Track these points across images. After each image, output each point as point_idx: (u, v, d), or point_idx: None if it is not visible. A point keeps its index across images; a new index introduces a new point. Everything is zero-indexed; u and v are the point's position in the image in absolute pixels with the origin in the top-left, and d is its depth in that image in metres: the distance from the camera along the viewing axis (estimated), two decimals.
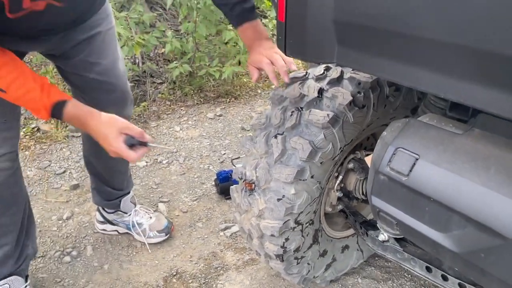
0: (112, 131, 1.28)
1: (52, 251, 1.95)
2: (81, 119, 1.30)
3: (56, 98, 1.26)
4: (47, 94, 1.25)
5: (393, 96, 1.45)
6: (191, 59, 3.45)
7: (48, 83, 1.28)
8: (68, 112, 1.28)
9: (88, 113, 1.30)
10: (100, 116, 1.31)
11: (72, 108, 1.28)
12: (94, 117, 1.30)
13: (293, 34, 1.03)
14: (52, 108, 1.25)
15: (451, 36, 0.74)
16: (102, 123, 1.29)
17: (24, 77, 1.22)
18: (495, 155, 0.85)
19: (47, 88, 1.25)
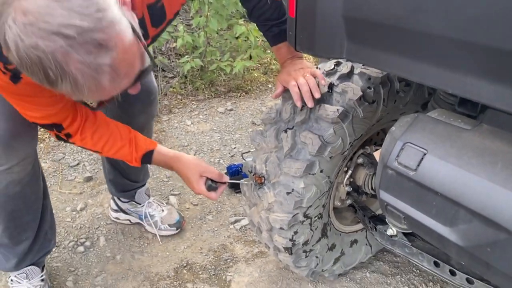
0: (194, 175, 1.46)
1: (66, 241, 2.01)
2: (167, 164, 1.50)
3: (143, 151, 1.45)
4: (135, 148, 1.43)
5: (403, 91, 1.45)
6: (203, 54, 3.47)
7: (133, 136, 1.44)
8: (155, 160, 1.49)
9: (174, 158, 1.50)
10: (183, 159, 1.49)
11: (158, 155, 1.48)
12: (179, 162, 1.49)
13: (303, 30, 1.04)
14: (141, 160, 1.46)
15: (459, 32, 0.75)
16: (185, 168, 1.47)
17: (113, 138, 1.40)
18: (502, 150, 0.86)
19: (134, 142, 1.43)
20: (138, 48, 0.89)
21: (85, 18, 0.76)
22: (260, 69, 3.92)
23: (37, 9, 0.74)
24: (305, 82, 1.34)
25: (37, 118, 1.25)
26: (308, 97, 1.33)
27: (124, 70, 0.85)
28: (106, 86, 0.83)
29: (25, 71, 0.81)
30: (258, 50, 3.56)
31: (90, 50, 0.77)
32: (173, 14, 1.34)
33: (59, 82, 0.79)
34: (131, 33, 0.85)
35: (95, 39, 0.77)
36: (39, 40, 0.74)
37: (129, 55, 0.86)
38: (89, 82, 0.80)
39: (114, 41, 0.80)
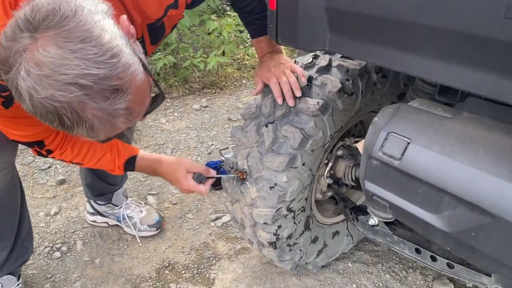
0: (181, 173, 1.43)
1: (41, 247, 1.93)
2: (151, 168, 1.48)
3: (125, 157, 1.42)
4: (117, 155, 1.40)
5: (380, 82, 1.47)
6: (175, 50, 3.42)
7: (114, 143, 1.40)
8: (138, 165, 1.46)
9: (156, 161, 1.47)
10: (166, 161, 1.47)
11: (141, 161, 1.46)
12: (162, 164, 1.46)
13: (284, 22, 1.03)
14: (124, 166, 1.43)
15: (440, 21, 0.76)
16: (170, 168, 1.45)
17: (93, 148, 1.36)
18: (483, 136, 0.88)
19: (115, 150, 1.40)
20: (148, 84, 0.88)
21: (101, 66, 0.75)
22: (233, 65, 3.90)
23: (52, 60, 0.72)
24: (287, 80, 1.34)
25: (20, 137, 1.21)
26: (290, 97, 1.34)
27: (137, 109, 0.85)
28: (121, 126, 0.84)
29: (38, 117, 0.79)
30: (231, 46, 3.54)
31: (107, 97, 0.77)
32: (171, 28, 1.33)
33: (74, 128, 0.79)
34: (142, 71, 0.84)
35: (111, 85, 0.76)
36: (56, 91, 0.73)
37: (141, 94, 0.85)
38: (105, 126, 0.80)
39: (128, 84, 0.79)
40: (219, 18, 3.58)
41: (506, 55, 0.69)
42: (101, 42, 0.76)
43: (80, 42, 0.74)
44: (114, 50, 0.77)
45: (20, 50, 0.74)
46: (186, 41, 3.58)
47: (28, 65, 0.73)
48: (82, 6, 0.78)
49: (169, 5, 1.16)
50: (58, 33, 0.74)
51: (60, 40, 0.73)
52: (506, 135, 0.87)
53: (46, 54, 0.72)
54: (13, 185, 1.47)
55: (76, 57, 0.73)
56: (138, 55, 0.85)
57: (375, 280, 1.78)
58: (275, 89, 1.35)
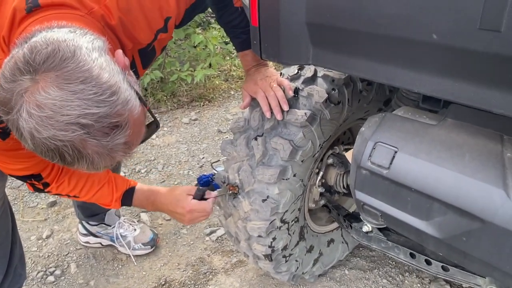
0: (181, 195, 1.40)
1: (34, 272, 1.90)
2: (149, 199, 1.44)
3: (123, 189, 1.40)
4: (115, 187, 1.38)
5: (366, 90, 1.49)
6: (162, 65, 3.42)
7: (112, 176, 1.38)
8: (136, 197, 1.42)
9: (154, 191, 1.44)
10: (164, 190, 1.45)
11: (139, 192, 1.43)
12: (160, 193, 1.44)
13: (267, 38, 1.04)
14: (121, 199, 1.40)
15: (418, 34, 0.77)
16: (169, 194, 1.42)
17: (91, 181, 1.34)
18: (468, 142, 0.90)
19: (113, 182, 1.38)
20: (143, 114, 0.90)
21: (101, 105, 0.76)
22: (221, 76, 3.91)
23: (53, 102, 0.74)
24: (274, 95, 1.35)
25: (16, 170, 1.19)
26: (278, 111, 1.35)
27: (135, 141, 0.87)
28: (119, 158, 0.85)
29: (39, 154, 0.80)
30: (218, 58, 3.55)
31: (107, 133, 0.79)
32: (161, 50, 1.34)
33: (75, 163, 0.81)
34: (139, 104, 0.85)
35: (111, 123, 0.78)
36: (57, 131, 0.75)
37: (138, 126, 0.87)
38: (105, 160, 0.82)
39: (127, 119, 0.81)
40: (204, 31, 3.60)
41: (483, 65, 0.70)
42: (100, 82, 0.77)
43: (81, 83, 0.76)
44: (113, 89, 0.79)
45: (21, 92, 0.75)
46: (172, 55, 3.59)
47: (29, 106, 0.74)
48: (80, 46, 0.79)
49: (159, 29, 1.17)
50: (59, 75, 0.75)
51: (61, 82, 0.75)
52: (490, 140, 0.88)
53: (48, 96, 0.74)
54: (4, 211, 1.45)
55: (77, 98, 0.75)
56: (134, 87, 0.86)
57: (372, 285, 1.78)
58: (263, 103, 1.36)
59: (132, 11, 1.07)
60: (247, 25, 1.39)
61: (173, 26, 1.23)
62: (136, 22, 1.09)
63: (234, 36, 1.45)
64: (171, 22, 1.18)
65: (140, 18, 1.09)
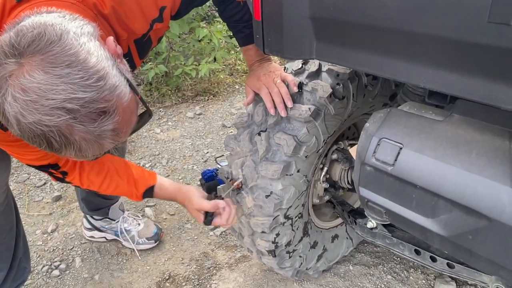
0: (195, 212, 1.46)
1: (39, 266, 1.91)
2: (171, 197, 1.51)
3: (144, 188, 1.44)
4: (135, 186, 1.42)
5: (371, 85, 1.47)
6: (166, 59, 3.41)
7: (131, 172, 1.42)
8: (156, 195, 1.49)
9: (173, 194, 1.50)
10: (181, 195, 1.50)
11: (159, 191, 1.48)
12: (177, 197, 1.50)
13: (270, 33, 1.03)
14: (142, 196, 1.46)
15: (425, 27, 0.75)
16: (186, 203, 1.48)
17: (110, 176, 1.38)
18: (475, 139, 0.88)
19: (133, 180, 1.42)
20: (135, 102, 0.88)
21: (88, 90, 0.75)
22: (225, 71, 3.89)
23: (38, 86, 0.72)
24: (278, 91, 1.34)
25: (33, 160, 1.21)
26: (282, 108, 1.33)
27: (124, 129, 0.86)
28: (108, 146, 0.84)
29: (26, 140, 0.79)
30: (222, 52, 3.53)
31: (94, 119, 0.77)
32: (157, 41, 1.33)
33: (63, 150, 0.80)
34: (129, 91, 0.84)
35: (98, 108, 0.77)
36: (43, 116, 0.73)
37: (128, 114, 0.85)
38: (93, 147, 0.81)
39: (115, 105, 0.80)
40: (209, 25, 3.57)
41: (491, 60, 0.68)
42: (87, 66, 0.76)
43: (67, 67, 0.74)
44: (100, 73, 0.77)
45: (6, 76, 0.73)
46: (176, 50, 3.57)
47: (14, 90, 0.73)
48: (67, 30, 0.78)
49: (154, 19, 1.16)
50: (44, 58, 0.74)
51: (46, 66, 0.73)
52: (498, 136, 0.86)
53: (32, 80, 0.72)
54: (8, 205, 1.46)
55: (62, 82, 0.73)
56: (125, 75, 0.85)
57: (376, 281, 1.77)
58: (267, 100, 1.35)
59: (125, 1, 1.06)
60: (249, 19, 1.38)
61: (168, 16, 1.22)
62: (129, 12, 1.08)
63: (236, 31, 1.43)
64: (166, 12, 1.17)
65: (133, 7, 1.08)
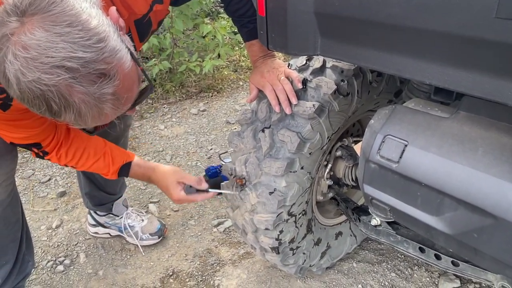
0: (172, 182, 1.44)
1: (44, 261, 1.92)
2: (145, 175, 1.49)
3: (120, 164, 1.43)
4: (112, 161, 1.41)
5: (376, 81, 1.46)
6: (170, 55, 3.40)
7: (109, 149, 1.41)
8: (132, 172, 1.47)
9: (150, 168, 1.48)
10: (160, 169, 1.48)
11: (136, 167, 1.47)
12: (155, 171, 1.47)
13: (274, 28, 1.02)
14: (118, 172, 1.44)
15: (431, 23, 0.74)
16: (162, 176, 1.46)
17: (87, 152, 1.38)
18: (481, 136, 0.87)
19: (110, 156, 1.41)
20: (136, 73, 0.89)
21: (88, 50, 0.75)
22: (229, 67, 3.88)
23: (38, 43, 0.73)
24: (282, 88, 1.33)
25: (17, 139, 1.22)
26: (287, 105, 1.32)
27: (125, 96, 0.86)
28: (109, 112, 0.84)
29: (26, 104, 0.79)
30: (226, 48, 3.52)
31: (94, 81, 0.77)
32: (157, 24, 1.33)
33: (62, 113, 0.79)
34: (130, 59, 0.84)
35: (98, 69, 0.77)
36: (42, 74, 0.74)
37: (129, 81, 0.85)
38: (92, 111, 0.81)
39: (115, 69, 0.80)
40: (213, 21, 3.56)
41: (499, 56, 0.67)
42: (88, 27, 0.77)
43: (67, 26, 0.75)
44: (101, 35, 0.78)
45: (8, 33, 0.74)
46: (180, 46, 3.57)
47: (15, 48, 0.74)
48: None
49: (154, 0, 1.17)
50: (45, 16, 0.74)
51: (47, 24, 0.74)
52: (504, 133, 0.85)
53: (33, 37, 0.73)
54: (14, 196, 1.47)
55: (62, 40, 0.74)
56: (127, 45, 0.85)
57: (380, 279, 1.76)
58: (271, 97, 1.34)
59: None
60: (254, 14, 1.37)
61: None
62: None
63: (241, 26, 1.42)
64: None
65: None
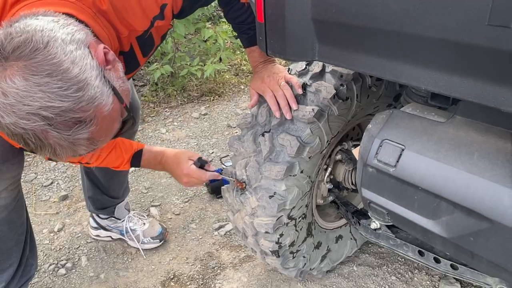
0: (183, 158, 1.48)
1: (46, 264, 1.94)
2: (156, 159, 1.51)
3: (132, 151, 1.45)
4: (124, 151, 1.43)
5: (375, 86, 1.47)
6: (172, 60, 3.43)
7: (119, 140, 1.42)
8: (145, 159, 1.48)
9: (160, 152, 1.51)
10: (169, 151, 1.52)
11: (147, 153, 1.49)
12: (165, 154, 1.51)
13: (273, 34, 1.03)
14: (131, 161, 1.46)
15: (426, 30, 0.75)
16: (173, 155, 1.49)
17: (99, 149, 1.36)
18: (477, 141, 0.88)
19: (120, 146, 1.43)
20: (118, 111, 0.91)
21: (65, 99, 0.78)
22: (231, 71, 3.90)
23: (16, 92, 0.77)
24: (282, 94, 1.34)
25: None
26: (287, 110, 1.34)
27: (101, 137, 0.88)
28: (83, 153, 0.87)
29: (6, 136, 0.84)
30: (228, 52, 3.55)
31: (69, 127, 0.81)
32: (160, 38, 1.34)
33: (38, 150, 0.84)
34: (112, 100, 0.87)
35: (74, 118, 0.80)
36: (19, 119, 0.77)
37: (107, 123, 0.88)
38: (67, 152, 0.84)
39: (93, 115, 0.83)
40: (214, 26, 3.59)
41: (491, 62, 0.68)
42: (67, 76, 0.79)
43: (47, 76, 0.78)
44: (81, 84, 0.81)
45: None
46: (182, 50, 3.59)
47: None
48: (55, 38, 0.81)
49: (155, 16, 1.17)
50: (27, 65, 0.77)
51: (27, 73, 0.77)
52: (500, 138, 0.86)
53: (12, 85, 0.77)
54: (20, 200, 1.48)
55: (40, 90, 0.77)
56: (112, 83, 0.87)
57: (381, 282, 1.77)
58: (272, 103, 1.35)
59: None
60: (254, 20, 1.38)
61: (170, 14, 1.23)
62: (129, 7, 1.09)
63: (241, 32, 1.44)
64: (167, 9, 1.19)
65: (133, 2, 1.09)
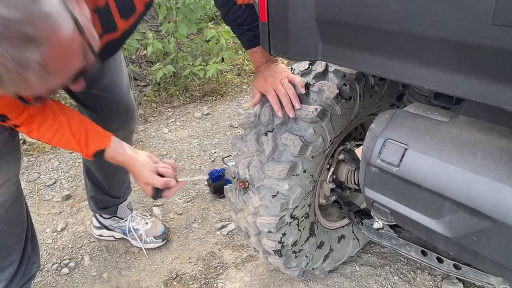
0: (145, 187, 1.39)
1: (49, 264, 1.94)
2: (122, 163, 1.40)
3: (94, 149, 1.36)
4: (86, 147, 1.35)
5: (378, 85, 1.47)
6: (174, 60, 3.43)
7: (84, 132, 1.34)
8: (108, 157, 1.38)
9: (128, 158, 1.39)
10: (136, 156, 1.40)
11: (112, 152, 1.38)
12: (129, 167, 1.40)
13: (276, 34, 1.04)
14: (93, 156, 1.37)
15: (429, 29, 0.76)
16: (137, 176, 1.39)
17: (62, 131, 1.30)
18: (480, 140, 0.88)
19: (84, 142, 1.34)
20: (79, 45, 0.82)
21: (14, 10, 0.70)
22: (233, 71, 3.90)
23: None
24: (285, 92, 1.33)
25: None
26: (290, 109, 1.33)
27: (56, 67, 0.79)
28: (34, 83, 0.77)
29: None
30: (230, 52, 3.55)
31: (16, 44, 0.72)
32: (144, 5, 1.27)
33: None
34: (72, 28, 0.79)
35: (22, 32, 0.72)
36: None
37: (65, 52, 0.79)
38: (14, 77, 0.75)
39: (45, 36, 0.74)
40: (217, 26, 3.59)
41: (494, 61, 0.69)
42: None
43: None
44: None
45: None
46: (184, 50, 3.60)
47: None
48: None
49: None
50: None
51: None
52: (503, 137, 0.86)
53: None
54: (18, 197, 1.47)
55: None
56: (75, 15, 0.80)
57: (383, 282, 1.77)
58: (274, 102, 1.35)
59: None
60: (252, 22, 1.38)
61: None
62: None
63: (240, 34, 1.43)
64: None
65: None
